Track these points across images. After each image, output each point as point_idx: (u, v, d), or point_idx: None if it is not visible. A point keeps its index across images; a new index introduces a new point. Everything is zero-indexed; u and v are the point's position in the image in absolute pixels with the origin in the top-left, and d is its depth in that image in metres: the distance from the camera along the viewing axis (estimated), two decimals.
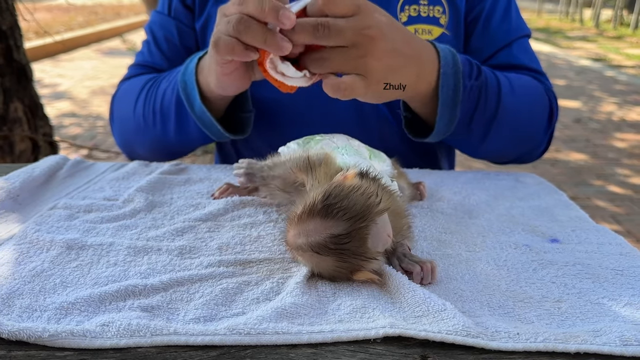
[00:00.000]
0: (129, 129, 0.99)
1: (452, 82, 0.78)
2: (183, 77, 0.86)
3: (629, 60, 8.16)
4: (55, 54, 7.45)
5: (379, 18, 0.68)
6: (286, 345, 0.46)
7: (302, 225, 0.54)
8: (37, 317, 0.49)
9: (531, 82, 0.94)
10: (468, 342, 0.46)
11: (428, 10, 0.95)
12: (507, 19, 0.97)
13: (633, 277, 0.59)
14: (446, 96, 0.78)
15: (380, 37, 0.67)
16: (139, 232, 0.66)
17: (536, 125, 0.93)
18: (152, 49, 1.05)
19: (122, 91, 1.03)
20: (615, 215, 2.94)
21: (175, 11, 1.02)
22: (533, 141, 0.94)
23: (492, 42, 0.97)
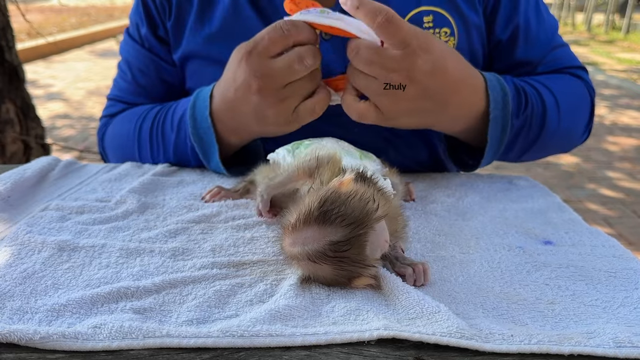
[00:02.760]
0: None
1: (501, 124, 0.79)
2: (196, 131, 0.83)
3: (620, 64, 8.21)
4: (47, 55, 7.41)
5: (422, 66, 0.68)
6: (280, 347, 0.46)
7: (297, 233, 0.53)
8: (28, 319, 0.48)
9: (574, 84, 0.93)
10: (462, 344, 0.46)
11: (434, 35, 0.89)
12: (542, 22, 0.94)
13: (626, 279, 0.59)
14: (494, 137, 0.80)
15: (410, 83, 0.68)
16: (131, 233, 0.66)
17: (578, 129, 0.94)
18: (128, 83, 0.99)
19: (112, 135, 0.99)
20: (607, 218, 2.96)
21: (148, 43, 0.96)
22: (572, 141, 0.96)
23: (537, 51, 0.94)
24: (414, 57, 0.68)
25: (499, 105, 0.78)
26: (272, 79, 0.70)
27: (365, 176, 0.59)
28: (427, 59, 0.69)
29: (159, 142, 0.91)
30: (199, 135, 0.83)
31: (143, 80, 0.98)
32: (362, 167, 0.61)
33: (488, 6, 0.90)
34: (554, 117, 0.87)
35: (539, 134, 0.87)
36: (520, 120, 0.82)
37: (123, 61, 1.01)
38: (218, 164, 0.83)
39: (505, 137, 0.80)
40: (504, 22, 0.91)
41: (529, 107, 0.83)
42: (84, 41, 8.61)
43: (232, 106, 0.78)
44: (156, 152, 0.92)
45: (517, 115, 0.81)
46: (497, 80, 0.80)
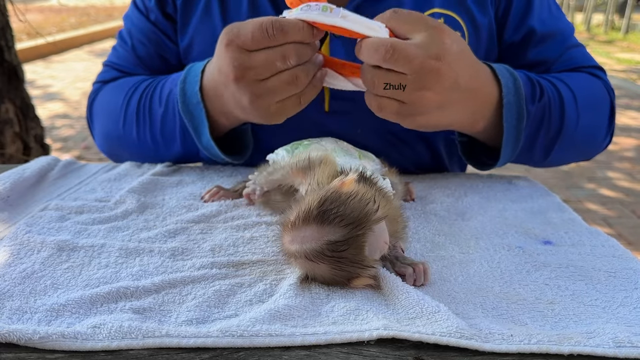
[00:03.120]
0: (118, 145, 0.94)
1: (515, 111, 0.76)
2: (186, 106, 0.80)
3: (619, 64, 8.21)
4: (47, 55, 7.41)
5: (450, 46, 0.64)
6: (279, 347, 0.46)
7: (296, 231, 0.53)
8: (27, 319, 0.48)
9: (592, 82, 0.90)
10: (462, 344, 0.46)
11: None
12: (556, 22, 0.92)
13: (626, 279, 0.59)
14: (510, 126, 0.76)
15: (447, 70, 0.63)
16: (130, 233, 0.66)
17: (599, 129, 0.90)
18: (127, 52, 0.97)
19: (102, 102, 0.96)
20: (606, 218, 2.96)
21: (154, 16, 0.93)
22: (595, 144, 0.91)
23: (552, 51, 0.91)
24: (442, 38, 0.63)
25: (511, 90, 0.75)
26: (250, 71, 0.67)
27: (365, 176, 0.58)
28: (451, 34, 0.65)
29: (146, 117, 0.88)
30: (189, 111, 0.80)
31: (142, 52, 0.96)
32: (361, 167, 0.61)
33: (500, 8, 0.89)
34: (572, 110, 0.83)
35: (560, 128, 0.82)
36: (536, 108, 0.78)
37: (125, 30, 0.98)
38: (209, 141, 0.80)
39: (522, 125, 0.76)
40: (515, 24, 0.89)
41: (545, 96, 0.79)
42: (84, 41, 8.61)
43: (216, 87, 0.75)
44: (142, 128, 0.89)
45: (531, 101, 0.77)
46: (504, 67, 0.77)
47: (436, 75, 0.62)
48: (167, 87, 0.85)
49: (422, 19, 0.64)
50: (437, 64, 0.62)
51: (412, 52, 0.61)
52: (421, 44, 0.62)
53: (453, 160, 1.01)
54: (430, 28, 0.63)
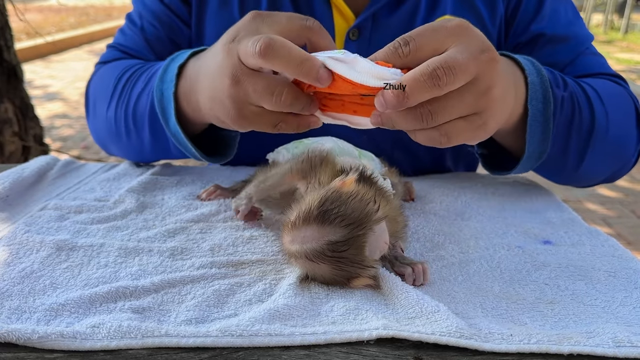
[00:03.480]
0: (102, 128, 0.88)
1: (541, 93, 0.67)
2: (160, 84, 0.72)
3: (619, 64, 8.21)
4: (46, 55, 7.40)
5: (477, 32, 0.55)
6: (279, 347, 0.46)
7: (297, 231, 0.53)
8: (26, 319, 0.48)
9: (614, 86, 0.83)
10: (461, 344, 0.45)
11: None
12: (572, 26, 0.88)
13: (625, 279, 0.59)
14: (535, 110, 0.66)
15: (497, 57, 0.54)
16: (130, 233, 0.66)
17: (629, 136, 0.80)
18: (135, 34, 0.92)
19: (96, 80, 0.91)
20: (605, 218, 2.96)
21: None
22: (626, 155, 0.81)
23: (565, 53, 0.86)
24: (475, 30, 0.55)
25: (532, 71, 0.67)
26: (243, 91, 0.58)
27: (366, 176, 0.58)
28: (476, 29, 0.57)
29: (127, 94, 0.81)
30: (161, 91, 0.71)
31: (152, 35, 0.91)
32: (361, 166, 0.61)
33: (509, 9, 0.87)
34: (600, 107, 0.75)
35: (592, 124, 0.73)
36: (562, 93, 0.70)
37: (134, 11, 0.94)
38: (175, 126, 0.70)
39: (549, 109, 0.67)
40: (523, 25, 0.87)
41: (569, 86, 0.72)
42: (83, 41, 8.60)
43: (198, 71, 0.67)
44: (120, 106, 0.82)
45: (556, 85, 0.69)
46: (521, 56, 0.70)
47: (494, 66, 0.54)
48: (156, 67, 0.79)
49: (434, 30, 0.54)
50: (487, 55, 0.53)
51: (463, 58, 0.51)
52: (461, 48, 0.52)
53: (459, 165, 1.00)
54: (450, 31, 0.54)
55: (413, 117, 0.52)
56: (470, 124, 0.54)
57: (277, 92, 0.55)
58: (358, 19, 0.83)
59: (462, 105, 0.52)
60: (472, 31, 0.54)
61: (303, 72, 0.52)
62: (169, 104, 0.69)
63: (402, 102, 0.50)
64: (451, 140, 0.54)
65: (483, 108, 0.54)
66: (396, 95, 0.49)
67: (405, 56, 0.52)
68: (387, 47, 0.53)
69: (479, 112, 0.54)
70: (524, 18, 0.87)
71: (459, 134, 0.54)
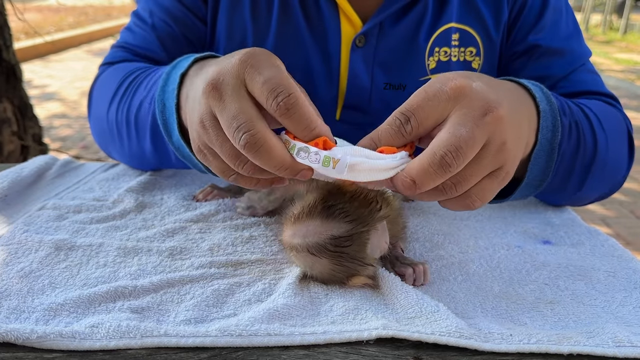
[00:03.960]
0: (104, 131, 0.84)
1: (550, 122, 0.62)
2: (162, 94, 0.66)
3: (618, 64, 8.22)
4: (45, 55, 7.40)
5: (476, 86, 0.51)
6: (278, 346, 0.46)
7: (299, 225, 0.53)
8: (25, 319, 0.48)
9: (611, 110, 0.80)
10: (461, 344, 0.45)
11: (459, 54, 0.84)
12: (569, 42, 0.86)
13: (625, 279, 0.59)
14: (544, 139, 0.62)
15: (501, 110, 0.49)
16: (129, 232, 0.66)
17: (622, 160, 0.79)
18: (145, 31, 0.87)
19: (100, 82, 0.87)
20: (605, 218, 2.96)
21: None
22: (619, 178, 0.79)
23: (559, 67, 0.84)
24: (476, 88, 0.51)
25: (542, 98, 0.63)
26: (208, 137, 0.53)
27: None
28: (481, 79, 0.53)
29: (128, 99, 0.77)
30: (162, 102, 0.66)
31: (164, 33, 0.86)
32: None
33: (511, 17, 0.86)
34: (600, 131, 0.72)
35: (594, 152, 0.71)
36: (569, 120, 0.67)
37: (142, 9, 0.89)
38: (179, 140, 0.64)
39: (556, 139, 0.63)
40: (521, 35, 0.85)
41: (574, 112, 0.69)
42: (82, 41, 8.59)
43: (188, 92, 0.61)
44: (121, 111, 0.78)
45: (563, 113, 0.66)
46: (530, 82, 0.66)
47: (501, 124, 0.49)
48: (159, 72, 0.73)
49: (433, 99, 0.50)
50: (492, 115, 0.49)
51: (468, 132, 0.47)
52: (463, 118, 0.48)
53: None
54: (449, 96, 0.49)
55: (435, 193, 0.50)
56: (494, 179, 0.52)
57: (239, 163, 0.51)
58: (365, 27, 0.82)
59: (481, 169, 0.50)
60: (472, 91, 0.50)
61: (282, 174, 0.50)
62: (171, 116, 0.65)
63: (415, 191, 0.48)
64: (483, 200, 0.51)
65: (502, 163, 0.51)
66: (408, 187, 0.48)
67: (409, 135, 0.49)
68: (390, 127, 0.50)
69: (500, 167, 0.52)
70: (524, 27, 0.86)
71: (487, 192, 0.52)
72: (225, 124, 0.49)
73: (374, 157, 0.48)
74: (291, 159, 0.49)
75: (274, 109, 0.48)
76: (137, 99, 0.75)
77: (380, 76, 0.84)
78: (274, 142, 0.48)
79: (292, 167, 0.49)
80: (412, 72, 0.85)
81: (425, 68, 0.85)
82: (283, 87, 0.48)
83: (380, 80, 0.84)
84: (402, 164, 0.49)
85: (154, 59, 0.87)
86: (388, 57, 0.84)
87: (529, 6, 0.85)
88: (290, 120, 0.48)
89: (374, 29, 0.83)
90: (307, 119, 0.48)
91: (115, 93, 0.80)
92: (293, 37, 0.84)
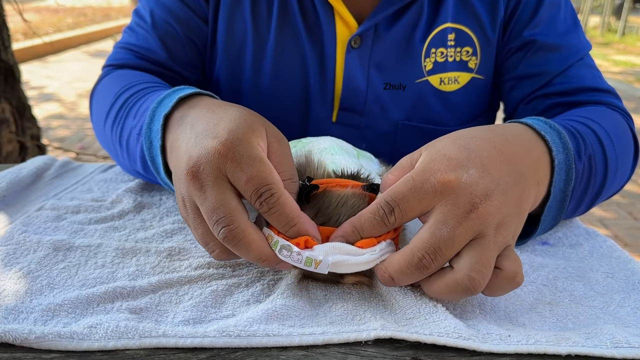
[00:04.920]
0: (102, 140, 0.84)
1: (564, 171, 0.59)
2: (149, 132, 0.65)
3: (616, 66, 8.23)
4: (43, 55, 7.39)
5: (473, 184, 0.49)
6: (277, 347, 0.46)
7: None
8: (23, 319, 0.48)
9: (617, 122, 0.77)
10: (459, 344, 0.45)
11: (455, 54, 0.84)
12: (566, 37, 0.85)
13: (623, 280, 0.59)
14: (557, 189, 0.59)
15: (489, 209, 0.48)
16: (127, 233, 0.66)
17: (628, 172, 0.78)
18: (147, 32, 0.87)
19: (100, 90, 0.86)
20: (602, 220, 2.97)
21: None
22: (619, 188, 0.78)
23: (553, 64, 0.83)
24: (462, 183, 0.49)
25: (559, 148, 0.59)
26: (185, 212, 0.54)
27: (359, 177, 0.58)
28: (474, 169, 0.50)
29: (120, 123, 0.76)
30: (150, 140, 0.65)
31: (166, 34, 0.85)
32: (360, 166, 0.61)
33: (507, 14, 0.85)
34: (612, 157, 0.70)
35: (604, 181, 0.69)
36: (583, 165, 0.64)
37: (144, 9, 0.88)
38: (165, 178, 0.64)
39: (569, 188, 0.60)
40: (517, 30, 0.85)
41: (588, 147, 0.66)
42: (80, 41, 8.59)
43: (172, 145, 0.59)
44: (115, 132, 0.77)
45: (578, 157, 0.63)
46: (540, 121, 0.62)
47: (489, 216, 0.48)
48: (148, 101, 0.72)
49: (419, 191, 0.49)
50: (478, 211, 0.48)
51: (448, 233, 0.47)
52: (446, 216, 0.48)
53: None
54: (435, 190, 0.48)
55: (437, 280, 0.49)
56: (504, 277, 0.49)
57: (211, 247, 0.52)
58: (360, 28, 0.82)
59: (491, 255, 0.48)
60: (459, 187, 0.48)
61: (261, 265, 0.51)
62: (157, 156, 0.63)
63: (394, 285, 0.50)
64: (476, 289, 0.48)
65: (505, 243, 0.49)
66: (386, 281, 0.50)
67: (392, 225, 0.50)
68: (373, 216, 0.49)
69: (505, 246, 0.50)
70: (519, 23, 0.85)
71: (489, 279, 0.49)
72: (205, 215, 0.50)
73: (354, 254, 0.49)
74: (271, 252, 0.50)
75: (257, 207, 0.50)
76: (128, 126, 0.74)
77: (376, 78, 0.84)
78: (253, 237, 0.49)
79: (271, 259, 0.50)
80: (408, 73, 0.85)
81: (422, 69, 0.85)
82: (266, 186, 0.49)
83: (377, 82, 0.84)
84: (382, 255, 0.50)
85: (155, 60, 0.87)
86: (384, 59, 0.84)
87: (524, 1, 0.84)
88: (272, 218, 0.50)
89: (369, 31, 0.83)
90: (288, 216, 0.49)
91: (109, 111, 0.79)
92: (291, 39, 0.84)
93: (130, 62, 0.87)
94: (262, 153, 0.51)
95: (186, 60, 0.88)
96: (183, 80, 0.89)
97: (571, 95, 0.83)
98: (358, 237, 0.50)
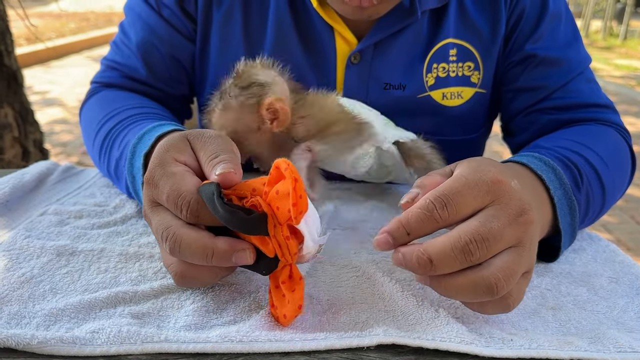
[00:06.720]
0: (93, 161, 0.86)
1: (566, 205, 0.62)
2: (131, 168, 0.68)
3: (617, 70, 8.23)
4: (46, 60, 7.41)
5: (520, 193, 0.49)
6: (279, 352, 0.46)
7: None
8: (25, 324, 0.48)
9: (612, 137, 0.79)
10: (462, 349, 0.45)
11: (457, 69, 0.84)
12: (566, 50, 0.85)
13: (627, 285, 0.59)
14: (565, 224, 0.62)
15: (533, 219, 0.48)
16: (130, 238, 0.66)
17: (624, 189, 0.80)
18: (129, 49, 0.88)
19: (87, 112, 0.89)
20: (605, 224, 2.96)
21: (168, 11, 0.85)
22: (615, 202, 0.79)
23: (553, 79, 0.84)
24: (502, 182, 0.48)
25: (556, 184, 0.62)
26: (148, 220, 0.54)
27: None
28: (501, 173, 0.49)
29: (106, 152, 0.78)
30: (132, 174, 0.68)
31: (148, 53, 0.86)
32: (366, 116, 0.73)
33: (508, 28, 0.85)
34: (609, 182, 0.72)
35: (602, 205, 0.73)
36: (582, 195, 0.67)
37: (128, 24, 0.89)
38: None
39: (575, 218, 0.63)
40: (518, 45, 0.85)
41: (584, 178, 0.68)
42: (83, 46, 8.62)
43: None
44: (103, 161, 0.80)
45: (577, 189, 0.66)
46: (532, 157, 0.65)
47: (530, 229, 0.47)
48: (130, 134, 0.73)
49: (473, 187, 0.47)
50: (524, 218, 0.47)
51: (499, 227, 0.45)
52: (498, 212, 0.46)
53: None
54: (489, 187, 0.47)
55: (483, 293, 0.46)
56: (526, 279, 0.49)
57: (172, 268, 0.52)
58: (359, 45, 0.82)
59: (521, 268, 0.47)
60: (511, 189, 0.48)
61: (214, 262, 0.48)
62: (140, 190, 0.65)
63: (429, 271, 0.46)
64: (519, 300, 0.48)
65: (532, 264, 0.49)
66: (424, 265, 0.45)
67: (442, 221, 0.46)
68: (420, 210, 0.46)
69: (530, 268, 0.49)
70: (521, 36, 0.85)
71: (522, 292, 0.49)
72: (157, 240, 0.52)
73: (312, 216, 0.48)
74: (216, 247, 0.47)
75: (183, 218, 0.50)
76: (113, 157, 0.76)
77: (376, 93, 0.84)
78: (193, 237, 0.48)
79: (219, 254, 0.47)
80: (410, 89, 0.84)
81: (424, 85, 0.84)
82: (180, 197, 0.49)
83: (376, 97, 0.84)
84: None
85: (139, 79, 0.89)
86: (384, 75, 0.84)
87: (526, 15, 0.84)
88: (199, 220, 0.49)
89: (369, 47, 0.83)
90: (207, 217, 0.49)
91: (95, 139, 0.82)
92: (287, 55, 0.82)
93: (116, 81, 0.90)
94: (175, 168, 0.52)
95: (169, 77, 0.90)
96: (167, 97, 0.91)
97: (569, 111, 0.83)
98: (404, 233, 0.46)
